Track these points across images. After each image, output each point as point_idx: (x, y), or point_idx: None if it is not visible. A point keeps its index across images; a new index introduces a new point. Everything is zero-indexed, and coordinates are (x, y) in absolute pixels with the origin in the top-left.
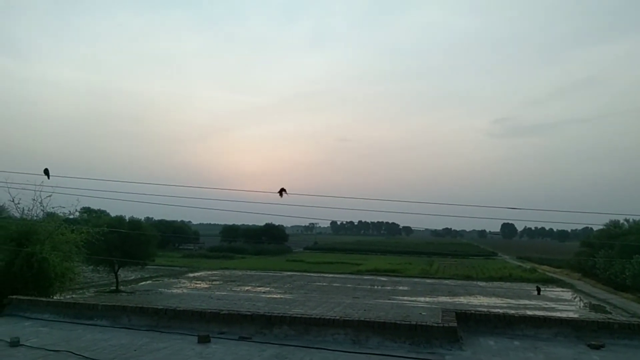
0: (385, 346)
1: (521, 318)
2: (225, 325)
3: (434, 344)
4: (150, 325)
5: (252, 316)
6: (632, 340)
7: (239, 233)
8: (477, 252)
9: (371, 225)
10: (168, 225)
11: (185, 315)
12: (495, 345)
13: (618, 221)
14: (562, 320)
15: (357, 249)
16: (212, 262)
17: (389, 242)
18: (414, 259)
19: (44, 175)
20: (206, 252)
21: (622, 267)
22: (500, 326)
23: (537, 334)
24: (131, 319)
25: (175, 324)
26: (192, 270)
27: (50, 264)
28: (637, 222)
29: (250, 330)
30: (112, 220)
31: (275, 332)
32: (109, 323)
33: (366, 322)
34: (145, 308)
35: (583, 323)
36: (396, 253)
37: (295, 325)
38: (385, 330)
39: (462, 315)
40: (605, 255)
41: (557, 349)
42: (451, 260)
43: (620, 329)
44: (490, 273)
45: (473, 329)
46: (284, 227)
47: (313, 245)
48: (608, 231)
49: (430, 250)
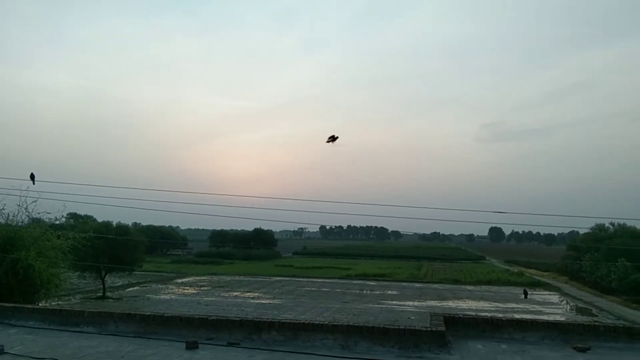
0: (374, 351)
1: (509, 322)
2: (213, 331)
3: (423, 348)
4: (138, 331)
5: (240, 322)
6: (618, 342)
7: (227, 238)
8: (465, 256)
9: (360, 229)
10: (156, 231)
11: (173, 322)
12: (483, 349)
13: (603, 225)
14: (548, 323)
15: (346, 253)
16: (201, 268)
17: (377, 246)
18: (402, 263)
19: (29, 181)
20: (194, 257)
21: (607, 271)
22: (488, 330)
23: (524, 338)
24: (118, 325)
25: (162, 330)
26: (180, 275)
27: (35, 271)
28: (622, 225)
29: (239, 336)
30: (98, 226)
31: (264, 338)
32: (95, 330)
33: (355, 327)
34: (132, 314)
35: (569, 326)
36: (385, 257)
37: (283, 331)
38: (374, 335)
39: (450, 320)
40: (591, 259)
41: (544, 352)
42: (439, 264)
43: (606, 332)
44: (479, 277)
45: (461, 333)
46: (272, 232)
47: (302, 250)
48: (594, 235)
49: (419, 254)
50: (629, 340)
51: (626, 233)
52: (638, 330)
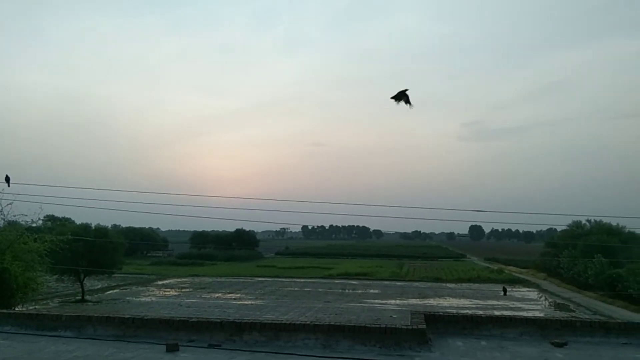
0: (355, 350)
1: (488, 318)
2: (194, 333)
3: (404, 346)
4: (117, 335)
5: (221, 323)
6: (594, 337)
7: (208, 239)
8: (446, 254)
9: (342, 229)
10: (136, 232)
11: (153, 324)
12: (463, 346)
13: (580, 222)
14: (527, 319)
15: (328, 253)
16: (182, 269)
17: (359, 245)
18: (384, 262)
19: (4, 183)
20: (175, 259)
21: (584, 267)
22: (468, 327)
23: (503, 334)
24: (97, 329)
25: (142, 333)
26: (161, 277)
27: (11, 275)
28: (598, 222)
29: (220, 338)
30: (77, 228)
31: (245, 339)
32: (73, 334)
33: (336, 326)
34: (111, 317)
35: (547, 322)
36: (367, 256)
37: (265, 332)
38: (355, 334)
39: (430, 317)
40: (569, 255)
41: (522, 348)
42: (421, 263)
43: (582, 327)
44: (459, 275)
45: (442, 330)
46: (254, 232)
47: (284, 250)
48: (571, 232)
49: (400, 253)
50: (605, 335)
51: (602, 230)
52: (613, 325)
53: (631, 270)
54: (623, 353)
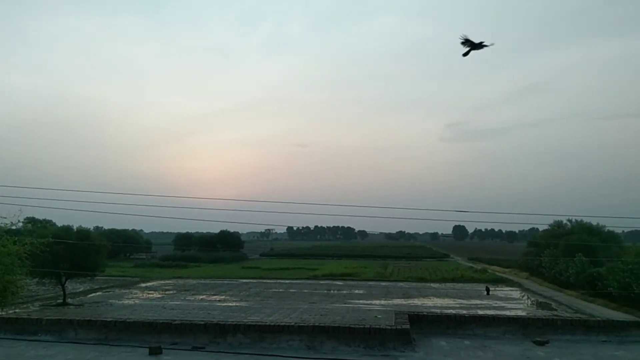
0: (339, 350)
1: (471, 318)
2: (177, 336)
3: (388, 346)
4: (99, 338)
5: (205, 325)
6: (574, 335)
7: (192, 241)
8: (430, 254)
9: (327, 230)
10: (119, 235)
11: (136, 327)
12: (446, 346)
13: (561, 221)
14: (509, 318)
15: (313, 254)
16: (165, 272)
17: (344, 246)
18: (369, 263)
19: None
20: (159, 261)
21: (566, 266)
22: (452, 326)
23: (486, 333)
24: (78, 333)
25: (125, 336)
26: (145, 280)
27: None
28: (579, 222)
29: (204, 340)
30: (58, 231)
31: (229, 341)
32: (54, 338)
33: (321, 327)
34: (93, 321)
35: (529, 321)
36: (352, 257)
37: (249, 333)
38: (340, 335)
39: (414, 317)
40: (550, 255)
41: (505, 347)
42: (405, 263)
43: (563, 325)
44: (443, 274)
45: (425, 330)
46: (239, 233)
47: (269, 252)
48: (552, 231)
49: (385, 253)
50: (585, 333)
51: (583, 229)
52: (593, 323)
53: (611, 269)
54: (603, 350)
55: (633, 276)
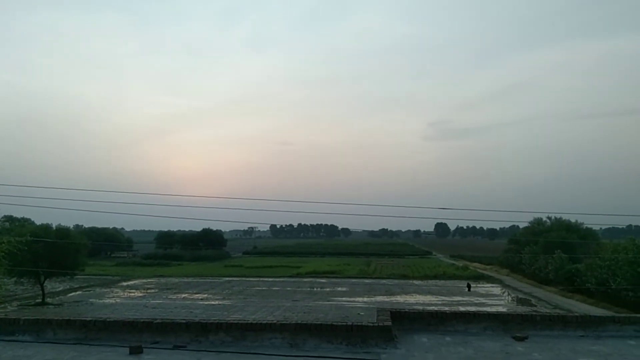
0: (322, 348)
1: (452, 314)
2: (159, 335)
3: (370, 343)
4: (78, 338)
5: (187, 324)
6: (553, 330)
7: (174, 239)
8: (413, 252)
9: (311, 227)
10: (99, 233)
11: (116, 326)
12: (428, 342)
13: (541, 219)
14: (490, 314)
15: (296, 251)
16: (147, 270)
17: (328, 244)
18: (352, 260)
19: None
20: (140, 259)
21: (545, 262)
22: (433, 323)
23: (467, 329)
24: (57, 332)
25: (105, 335)
26: (126, 278)
27: None
28: (558, 219)
29: (185, 339)
30: (37, 229)
31: (211, 339)
32: (32, 338)
33: (303, 325)
34: (72, 320)
35: (509, 317)
36: (335, 255)
37: (231, 332)
38: (322, 332)
39: (396, 314)
40: (530, 252)
41: (485, 343)
42: (388, 260)
43: (542, 321)
44: (425, 272)
45: (407, 326)
46: (221, 232)
47: (252, 250)
48: (532, 229)
49: (368, 251)
50: (563, 328)
51: (562, 226)
52: (571, 318)
53: (588, 266)
54: (580, 345)
55: (610, 272)
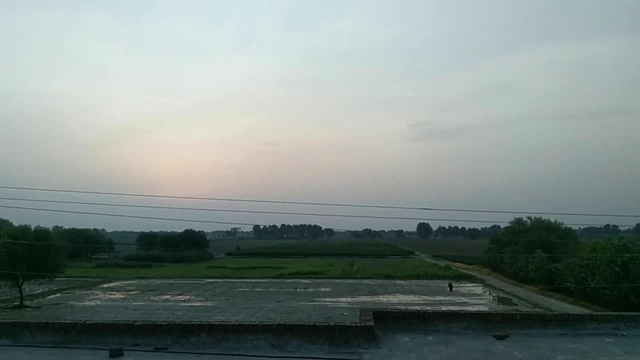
0: (304, 348)
1: (434, 314)
2: (140, 337)
3: (352, 343)
4: (57, 341)
5: (168, 326)
6: (532, 329)
7: (156, 240)
8: (395, 252)
9: (294, 228)
10: (79, 234)
11: (96, 329)
12: (410, 342)
13: (522, 219)
14: (471, 314)
15: (280, 252)
16: (128, 272)
17: (311, 244)
18: (335, 260)
19: None
20: (122, 261)
21: (525, 262)
22: (415, 322)
23: (449, 328)
24: (35, 335)
25: (84, 338)
26: (107, 280)
27: None
28: (538, 219)
29: (167, 341)
30: (14, 231)
31: (193, 341)
32: (9, 342)
33: (285, 326)
34: (50, 323)
35: (490, 316)
36: (318, 255)
37: (213, 333)
38: (305, 333)
39: (379, 314)
40: (511, 251)
41: (466, 342)
42: (371, 260)
43: (522, 320)
44: (408, 271)
45: (390, 326)
46: (204, 233)
47: (235, 251)
48: (513, 228)
49: (351, 251)
50: (543, 327)
51: (541, 226)
52: (550, 317)
53: (568, 265)
54: (559, 343)
55: (588, 271)
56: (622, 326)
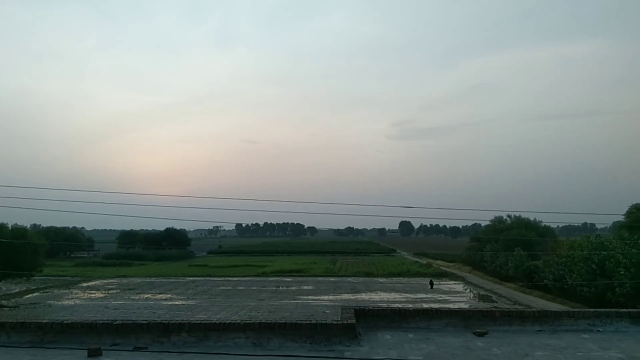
0: (286, 347)
1: (415, 311)
2: (119, 336)
3: (334, 341)
4: (34, 341)
5: (148, 325)
6: (512, 326)
7: (137, 239)
8: (378, 250)
9: (277, 226)
10: (58, 233)
11: (74, 328)
12: (391, 339)
13: (502, 217)
14: (451, 311)
15: (262, 251)
16: (108, 270)
17: (294, 242)
18: (318, 259)
19: None
20: (102, 259)
21: (505, 259)
22: (397, 320)
23: (429, 326)
24: (10, 336)
25: (62, 338)
26: (86, 279)
27: None
28: (518, 217)
29: (147, 340)
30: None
31: (174, 340)
32: None
33: (267, 324)
34: (27, 323)
35: (470, 313)
36: (301, 253)
37: (194, 332)
38: (287, 331)
39: (360, 312)
40: (492, 249)
41: (447, 339)
42: (353, 258)
43: (502, 317)
44: (390, 269)
45: (371, 324)
46: (185, 231)
47: (217, 249)
48: (493, 227)
49: (334, 249)
50: (521, 323)
51: (521, 224)
52: (529, 313)
53: (546, 262)
54: (537, 339)
55: (566, 268)
56: (598, 322)
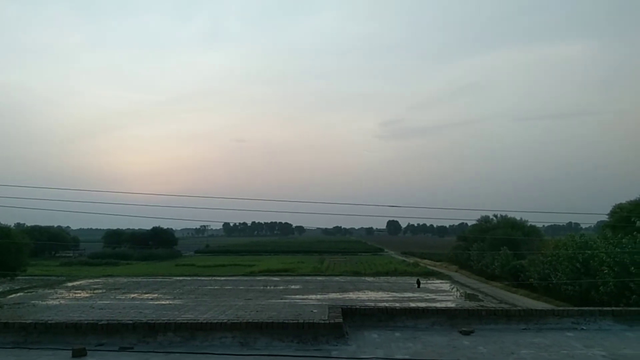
0: (273, 346)
1: (402, 310)
2: (104, 336)
3: (321, 340)
4: (17, 342)
5: (134, 325)
6: (497, 324)
7: (123, 238)
8: (365, 249)
9: (264, 225)
10: (42, 232)
11: (58, 329)
12: (378, 338)
13: (488, 217)
14: (438, 310)
15: (250, 250)
16: (94, 270)
17: (282, 242)
18: (306, 258)
19: None
20: (87, 259)
21: (492, 259)
22: (384, 319)
23: (416, 325)
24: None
25: (46, 338)
26: (71, 279)
27: None
28: (504, 217)
29: (132, 340)
30: None
31: (160, 340)
32: None
33: (254, 324)
34: (9, 323)
35: (456, 312)
36: (289, 252)
37: (180, 332)
38: (274, 331)
39: (347, 311)
40: (478, 248)
41: (433, 337)
42: (341, 258)
43: (488, 315)
44: (377, 268)
45: (358, 323)
46: (172, 230)
47: (205, 249)
48: (480, 226)
49: (322, 248)
50: (507, 322)
51: (507, 224)
52: (514, 312)
53: (532, 261)
54: (523, 338)
55: (551, 268)
56: (582, 321)
